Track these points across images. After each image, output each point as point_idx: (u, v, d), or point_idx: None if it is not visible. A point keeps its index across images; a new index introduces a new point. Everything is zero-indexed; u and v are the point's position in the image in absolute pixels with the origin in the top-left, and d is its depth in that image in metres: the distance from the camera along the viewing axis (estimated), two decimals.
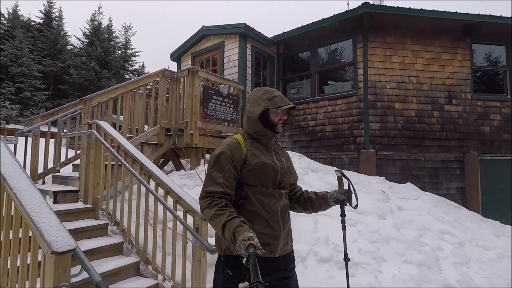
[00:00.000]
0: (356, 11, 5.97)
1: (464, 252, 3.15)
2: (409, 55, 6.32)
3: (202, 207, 1.53)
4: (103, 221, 3.73)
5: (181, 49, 7.67)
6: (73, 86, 16.77)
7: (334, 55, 6.95)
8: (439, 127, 6.29)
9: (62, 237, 1.76)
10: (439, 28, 6.31)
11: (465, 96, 6.40)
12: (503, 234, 3.96)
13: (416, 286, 2.64)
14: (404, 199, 4.27)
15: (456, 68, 6.41)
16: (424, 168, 6.20)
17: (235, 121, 6.03)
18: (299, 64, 7.54)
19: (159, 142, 5.23)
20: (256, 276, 1.08)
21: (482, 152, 6.35)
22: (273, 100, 1.62)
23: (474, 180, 6.26)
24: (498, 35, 6.49)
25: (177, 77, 5.47)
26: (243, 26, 6.36)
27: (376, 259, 3.05)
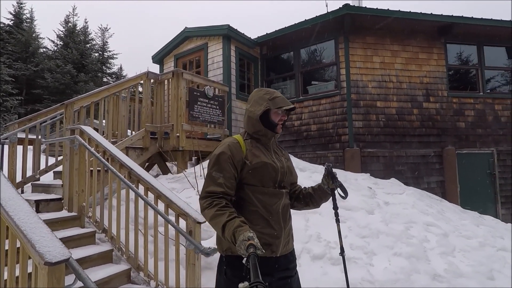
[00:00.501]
0: (337, 12, 6.11)
1: (449, 242, 3.29)
2: (388, 55, 6.54)
3: (202, 207, 1.53)
4: (90, 229, 3.62)
5: (163, 51, 7.55)
6: (48, 90, 16.11)
7: (317, 55, 7.07)
8: (419, 123, 6.53)
9: (54, 247, 1.70)
10: (416, 28, 6.56)
11: (441, 94, 6.68)
12: (482, 223, 4.17)
13: (406, 277, 2.74)
14: (390, 194, 4.41)
15: (433, 67, 6.69)
16: (406, 163, 6.42)
17: (221, 123, 6.01)
18: (283, 65, 7.61)
19: (144, 146, 5.13)
20: (256, 276, 1.08)
21: (459, 147, 6.66)
22: (275, 101, 1.63)
23: (452, 173, 6.54)
24: (469, 35, 6.83)
25: (161, 79, 5.38)
26: (226, 27, 6.35)
27: (367, 254, 3.13)
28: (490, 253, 3.18)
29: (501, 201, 6.79)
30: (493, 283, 2.71)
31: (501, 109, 6.99)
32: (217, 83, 6.06)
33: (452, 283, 2.70)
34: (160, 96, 5.41)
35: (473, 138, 6.75)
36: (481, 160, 6.82)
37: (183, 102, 5.24)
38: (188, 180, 4.57)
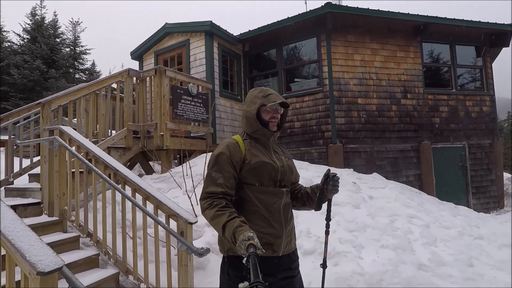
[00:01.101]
0: (320, 10, 6.19)
1: (430, 233, 3.46)
2: (368, 53, 6.72)
3: (202, 208, 1.52)
4: (73, 233, 3.47)
5: (143, 47, 7.32)
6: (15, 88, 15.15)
7: (299, 53, 7.13)
8: (397, 119, 6.78)
9: (46, 255, 1.62)
10: (393, 27, 6.78)
11: (418, 91, 6.97)
12: (459, 214, 4.42)
13: (394, 268, 2.85)
14: (373, 189, 4.56)
15: (410, 65, 6.95)
16: (386, 158, 6.66)
17: (206, 121, 5.93)
18: (266, 62, 7.62)
19: (127, 145, 4.97)
20: (256, 276, 1.09)
21: (434, 141, 6.99)
22: (268, 98, 1.63)
23: (428, 167, 6.87)
24: (443, 34, 7.16)
25: (143, 76, 5.22)
26: (209, 24, 6.26)
27: (356, 247, 3.23)
28: (468, 242, 3.38)
29: (472, 191, 7.22)
30: (473, 270, 2.89)
31: (472, 105, 7.40)
32: (200, 81, 5.97)
33: (436, 271, 2.85)
34: (142, 94, 5.26)
35: (446, 133, 7.11)
36: (454, 154, 7.21)
37: (166, 100, 5.12)
38: (175, 179, 4.49)
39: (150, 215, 2.89)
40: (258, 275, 1.10)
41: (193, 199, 4.07)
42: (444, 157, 7.05)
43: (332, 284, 2.75)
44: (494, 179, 7.43)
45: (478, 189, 7.26)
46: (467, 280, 2.73)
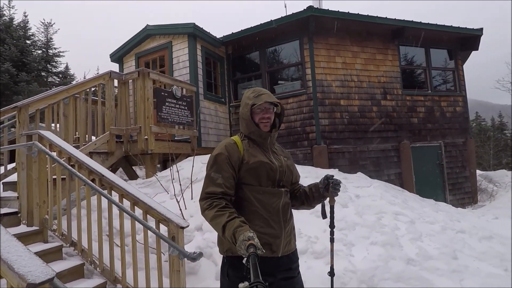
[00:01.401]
0: (302, 14, 6.29)
1: (416, 228, 3.59)
2: (349, 55, 6.89)
3: (202, 208, 1.52)
4: (55, 243, 3.30)
5: (123, 49, 7.13)
6: None
7: (283, 55, 7.21)
8: (378, 120, 6.99)
9: (36, 266, 1.54)
10: (372, 31, 7.00)
11: (397, 92, 7.23)
12: (440, 210, 4.61)
13: (384, 264, 2.93)
14: (359, 188, 4.67)
15: (388, 67, 7.20)
16: (368, 158, 6.84)
17: (190, 123, 5.85)
18: (249, 65, 7.64)
19: (109, 150, 4.81)
20: (256, 276, 1.09)
21: (413, 141, 7.26)
22: (258, 98, 1.63)
23: (408, 165, 7.12)
24: (418, 38, 7.47)
25: (125, 79, 5.09)
26: (192, 26, 6.20)
27: (347, 245, 3.28)
28: (451, 236, 3.52)
29: (448, 188, 7.55)
30: (457, 262, 3.02)
31: (446, 106, 7.77)
32: (184, 83, 5.89)
33: (424, 265, 2.95)
34: (124, 97, 5.11)
35: (424, 133, 7.41)
36: (431, 152, 7.52)
37: (150, 103, 5.01)
38: (161, 184, 4.39)
39: (140, 220, 2.81)
40: (258, 275, 1.10)
41: (181, 203, 3.99)
42: (422, 155, 7.34)
43: (326, 282, 2.77)
44: (468, 175, 7.82)
45: (454, 186, 7.61)
46: (453, 272, 2.85)
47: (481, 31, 7.72)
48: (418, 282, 2.72)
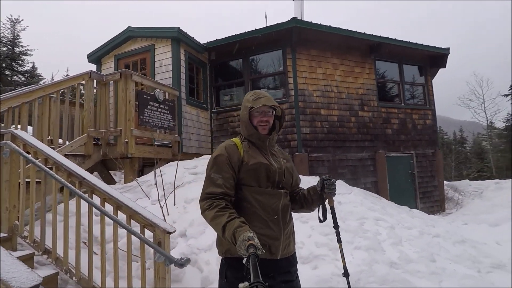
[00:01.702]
0: (286, 24, 6.46)
1: (396, 233, 3.73)
2: (330, 67, 7.14)
3: (202, 209, 1.52)
4: (25, 251, 3.06)
5: (102, 50, 6.90)
6: None
7: (266, 64, 7.32)
8: (356, 130, 7.26)
9: (20, 271, 1.43)
10: (351, 45, 7.32)
11: (373, 104, 7.56)
12: (415, 216, 4.84)
13: (369, 268, 3.00)
14: (341, 194, 4.78)
15: (365, 80, 7.54)
16: (346, 166, 7.05)
17: (172, 128, 5.74)
18: (232, 72, 7.67)
19: (86, 153, 4.59)
20: (256, 276, 1.09)
21: (387, 151, 7.59)
22: (257, 101, 1.65)
23: (383, 174, 7.42)
24: (393, 54, 7.92)
25: (106, 80, 4.91)
26: (176, 30, 6.14)
27: (332, 250, 3.33)
28: (428, 240, 3.70)
29: (419, 196, 7.94)
30: (436, 265, 3.17)
31: (417, 118, 8.24)
32: (167, 87, 5.79)
33: (405, 268, 3.06)
34: (104, 99, 4.92)
35: (397, 143, 7.78)
36: (404, 162, 7.89)
37: (132, 105, 4.86)
38: (142, 189, 4.23)
39: (124, 225, 2.69)
40: (258, 275, 1.10)
41: (164, 209, 3.87)
42: (396, 165, 7.69)
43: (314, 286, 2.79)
44: (436, 185, 8.28)
45: (425, 194, 8.02)
46: (432, 274, 2.98)
47: (448, 50, 8.34)
48: (401, 284, 2.81)
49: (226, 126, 7.29)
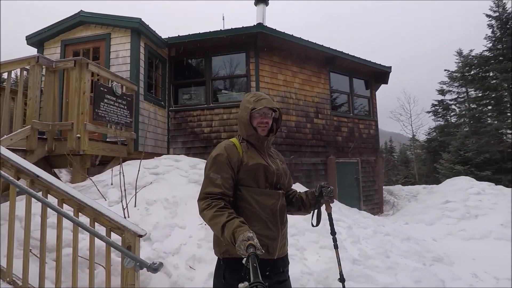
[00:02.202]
0: (252, 29, 6.55)
1: (354, 233, 4.03)
2: (289, 74, 7.43)
3: (201, 208, 1.51)
4: None
5: (46, 32, 6.12)
6: None
7: (228, 65, 7.30)
8: (311, 136, 7.65)
9: None
10: (310, 55, 7.73)
11: (326, 112, 8.06)
12: (367, 217, 5.29)
13: (335, 265, 3.19)
14: None
15: (321, 89, 8.01)
16: (301, 170, 7.37)
17: (129, 124, 5.37)
18: (193, 70, 7.48)
19: (29, 148, 4.03)
20: (256, 276, 1.10)
21: (337, 157, 8.15)
22: (259, 103, 1.68)
23: (333, 178, 7.93)
24: (344, 67, 8.57)
25: (56, 67, 4.38)
26: (138, 21, 5.77)
27: (299, 249, 3.46)
28: (381, 238, 4.08)
29: (363, 199, 8.68)
30: (390, 260, 3.51)
31: (363, 128, 9.02)
32: (126, 81, 5.40)
33: (366, 264, 3.33)
34: (53, 88, 4.38)
35: (346, 150, 8.41)
36: (351, 168, 8.56)
37: (86, 97, 4.41)
38: (98, 189, 3.86)
39: (88, 228, 2.44)
40: (258, 275, 1.11)
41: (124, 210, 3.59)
42: (344, 170, 8.29)
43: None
44: (377, 189, 9.15)
45: (367, 197, 8.80)
46: (388, 268, 3.30)
47: (390, 69, 9.33)
48: (364, 279, 3.06)
49: (185, 126, 7.06)
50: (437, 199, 6.90)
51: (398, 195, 9.52)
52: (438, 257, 3.84)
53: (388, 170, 29.41)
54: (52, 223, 3.09)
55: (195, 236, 3.48)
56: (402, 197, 9.15)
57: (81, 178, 4.38)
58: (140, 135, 5.91)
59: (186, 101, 7.35)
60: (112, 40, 5.99)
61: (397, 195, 9.43)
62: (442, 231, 5.08)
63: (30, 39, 6.20)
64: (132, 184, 4.07)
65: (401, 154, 30.78)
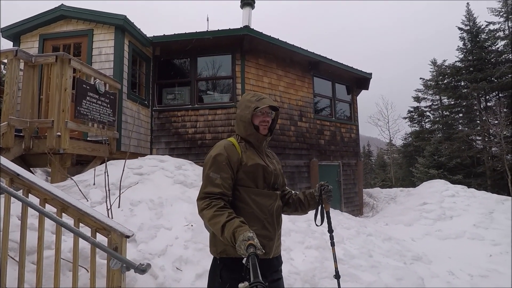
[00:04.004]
0: (238, 31, 6.57)
1: (338, 233, 4.12)
2: (274, 77, 7.50)
3: (200, 208, 1.51)
4: None
5: (23, 25, 5.85)
6: None
7: (214, 66, 7.28)
8: (295, 139, 7.75)
9: None
10: (294, 59, 7.85)
11: (310, 116, 8.20)
12: (349, 218, 5.42)
13: (321, 264, 3.25)
14: None
15: (305, 93, 8.14)
16: (285, 172, 7.43)
17: (112, 123, 5.22)
18: (177, 70, 7.39)
19: (5, 145, 3.84)
20: (256, 276, 1.12)
21: (320, 159, 8.31)
22: (261, 102, 1.70)
23: (316, 181, 8.06)
24: (327, 72, 8.76)
25: (36, 62, 4.20)
26: (122, 18, 5.64)
27: (286, 250, 3.50)
28: (364, 238, 4.20)
29: (344, 201, 8.88)
30: (373, 259, 3.62)
31: (345, 132, 9.25)
32: (109, 78, 5.25)
33: (350, 263, 3.41)
34: (32, 83, 4.19)
35: (328, 153, 8.58)
36: (332, 170, 8.74)
37: (68, 94, 4.26)
38: (80, 189, 3.72)
39: (73, 229, 2.36)
40: (258, 275, 1.12)
41: (106, 211, 3.48)
42: (326, 172, 8.46)
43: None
44: (357, 191, 9.39)
45: (348, 199, 9.01)
46: (372, 267, 3.40)
47: (371, 75, 9.65)
48: (349, 277, 3.13)
49: (168, 126, 6.95)
50: (415, 201, 7.19)
51: (377, 197, 9.81)
52: (417, 256, 4.01)
53: (366, 173, 30.25)
54: (31, 224, 2.96)
55: (181, 237, 3.43)
56: (381, 200, 9.45)
57: (60, 178, 4.21)
58: (123, 135, 5.76)
59: (170, 101, 7.25)
60: (95, 37, 5.82)
61: (376, 198, 9.73)
62: (420, 231, 5.31)
63: (6, 31, 5.90)
64: (116, 185, 3.96)
65: (378, 158, 31.77)
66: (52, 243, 2.78)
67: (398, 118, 25.28)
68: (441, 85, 21.66)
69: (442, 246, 4.74)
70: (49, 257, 2.76)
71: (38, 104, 4.95)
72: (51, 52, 5.71)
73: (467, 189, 7.34)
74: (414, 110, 24.48)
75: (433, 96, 23.38)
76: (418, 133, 23.33)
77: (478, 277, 3.73)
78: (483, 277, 3.73)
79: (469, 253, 4.43)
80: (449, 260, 4.21)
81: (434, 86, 22.54)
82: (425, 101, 23.83)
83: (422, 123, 24.41)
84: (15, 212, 2.86)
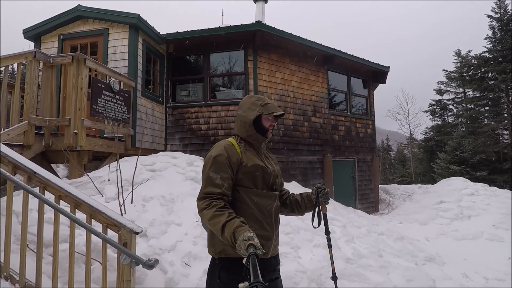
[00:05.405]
0: (250, 27, 6.54)
1: (348, 232, 4.08)
2: (287, 72, 7.43)
3: (200, 208, 1.52)
4: None
5: (43, 26, 6.09)
6: None
7: (227, 62, 7.30)
8: (308, 135, 7.68)
9: None
10: (308, 54, 7.73)
11: (324, 111, 8.09)
12: (361, 216, 5.34)
13: (328, 264, 3.23)
14: None
15: (319, 88, 8.03)
16: (298, 168, 7.42)
17: (126, 121, 5.37)
18: (191, 67, 7.47)
19: (26, 143, 4.03)
20: (256, 276, 1.12)
21: (334, 155, 8.20)
22: (266, 107, 1.71)
23: (329, 177, 7.98)
24: (343, 66, 8.58)
25: (54, 62, 4.37)
26: (136, 17, 5.75)
27: (294, 248, 3.51)
28: (375, 237, 4.13)
29: (358, 198, 8.75)
30: (383, 259, 3.57)
31: (360, 127, 9.06)
32: (123, 77, 5.39)
33: (359, 263, 3.38)
34: (50, 83, 4.37)
35: (343, 149, 8.45)
36: (347, 166, 8.61)
37: (84, 93, 4.42)
38: (95, 185, 3.88)
39: (85, 225, 2.47)
40: (258, 275, 1.12)
41: (121, 207, 3.61)
42: (340, 169, 8.34)
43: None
44: (373, 188, 9.21)
45: (363, 196, 8.86)
46: (381, 268, 3.35)
47: (388, 68, 9.36)
48: (357, 278, 3.11)
49: (182, 122, 7.07)
50: (431, 199, 6.97)
51: (394, 194, 9.59)
52: (430, 256, 3.91)
53: (385, 168, 29.58)
54: (49, 218, 3.13)
55: (191, 233, 3.51)
56: (397, 196, 9.23)
57: (78, 174, 4.39)
58: (138, 132, 5.92)
59: (184, 97, 7.35)
60: (110, 36, 5.97)
61: (393, 194, 9.51)
62: (435, 231, 5.15)
63: (27, 32, 6.16)
64: (129, 181, 4.09)
65: (398, 153, 30.91)
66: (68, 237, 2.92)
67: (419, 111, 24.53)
68: (466, 77, 20.67)
69: (457, 247, 4.60)
70: (65, 250, 2.90)
71: (58, 102, 5.18)
72: (70, 52, 5.92)
73: (488, 187, 7.03)
74: (436, 104, 23.55)
75: (456, 88, 22.39)
76: (440, 127, 22.47)
77: (494, 280, 3.60)
78: (500, 280, 3.59)
79: (486, 255, 4.27)
80: (464, 261, 4.08)
81: (458, 78, 21.55)
82: (448, 93, 22.87)
83: (444, 116, 23.48)
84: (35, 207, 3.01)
